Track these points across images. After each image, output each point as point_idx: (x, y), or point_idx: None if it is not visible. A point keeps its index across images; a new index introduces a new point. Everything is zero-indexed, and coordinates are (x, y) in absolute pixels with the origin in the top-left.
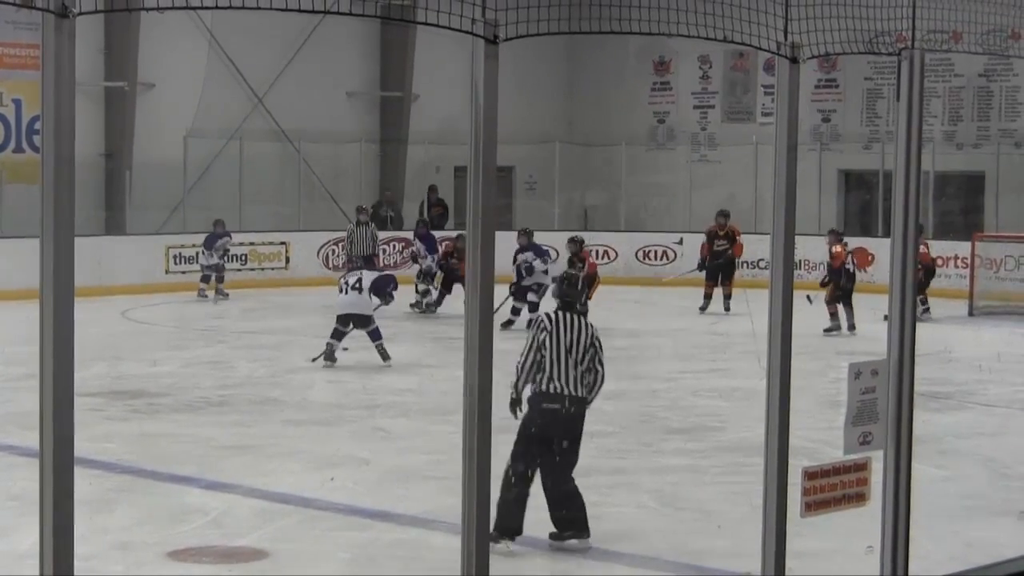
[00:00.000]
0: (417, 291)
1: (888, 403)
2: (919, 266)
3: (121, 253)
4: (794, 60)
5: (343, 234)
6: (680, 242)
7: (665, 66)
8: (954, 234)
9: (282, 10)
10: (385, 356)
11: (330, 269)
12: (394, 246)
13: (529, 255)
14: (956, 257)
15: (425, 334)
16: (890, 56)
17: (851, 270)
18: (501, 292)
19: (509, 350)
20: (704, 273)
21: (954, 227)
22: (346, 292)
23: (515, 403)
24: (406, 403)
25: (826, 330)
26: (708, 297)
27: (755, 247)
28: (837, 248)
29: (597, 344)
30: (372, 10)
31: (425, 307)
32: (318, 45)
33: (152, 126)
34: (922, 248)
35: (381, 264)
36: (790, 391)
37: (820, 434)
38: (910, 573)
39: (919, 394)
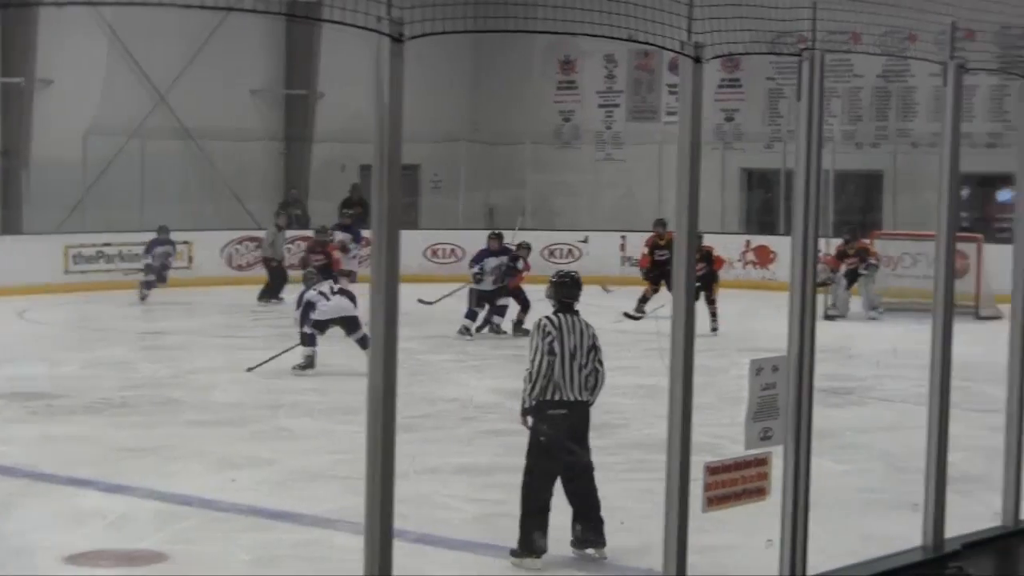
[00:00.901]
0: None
1: (788, 399)
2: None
3: (19, 253)
4: (697, 60)
5: (246, 234)
6: (585, 240)
7: (570, 65)
8: (852, 232)
9: (185, 6)
10: None
11: (234, 269)
12: (300, 245)
13: (504, 259)
14: None
15: (329, 333)
16: (791, 56)
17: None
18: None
19: (413, 349)
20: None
21: (853, 225)
22: (329, 298)
23: (527, 412)
24: (310, 403)
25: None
26: (644, 301)
27: None
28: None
29: (597, 344)
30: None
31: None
32: (222, 42)
33: (50, 123)
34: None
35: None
36: (692, 387)
37: (722, 430)
38: (808, 566)
39: (818, 390)
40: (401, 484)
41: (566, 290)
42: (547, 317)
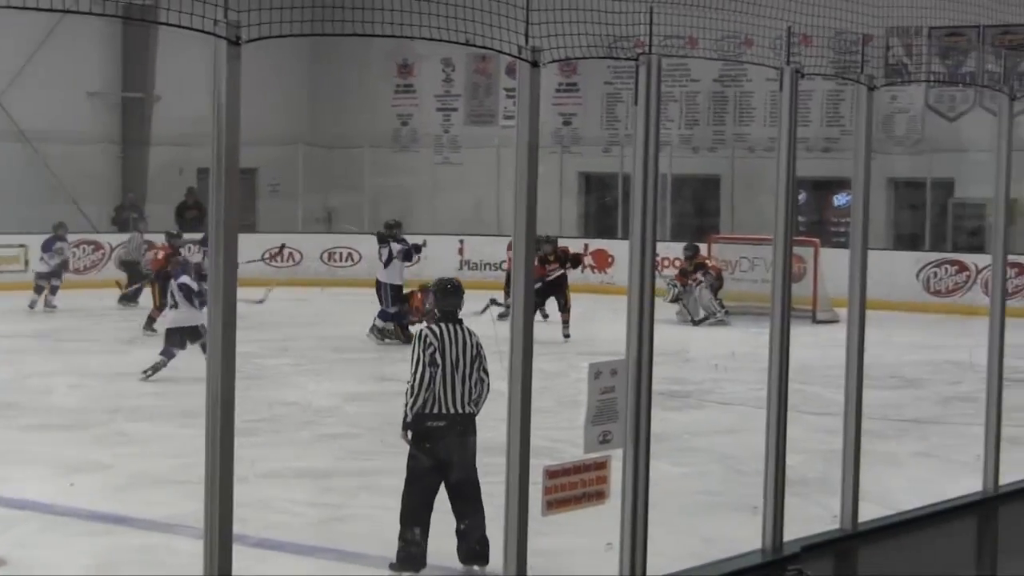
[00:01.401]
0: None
1: (627, 402)
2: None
3: None
4: (535, 64)
5: (84, 237)
6: (424, 244)
7: (408, 69)
8: (691, 236)
9: (20, 8)
10: None
11: (71, 272)
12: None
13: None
14: None
15: None
16: (628, 61)
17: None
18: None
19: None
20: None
21: (691, 229)
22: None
23: (408, 425)
24: (150, 407)
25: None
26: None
27: (498, 248)
28: None
29: (482, 353)
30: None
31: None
32: (58, 44)
33: None
34: (711, 262)
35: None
36: (531, 391)
37: (562, 433)
38: (648, 569)
39: (657, 393)
40: (241, 488)
41: (448, 299)
42: (429, 327)
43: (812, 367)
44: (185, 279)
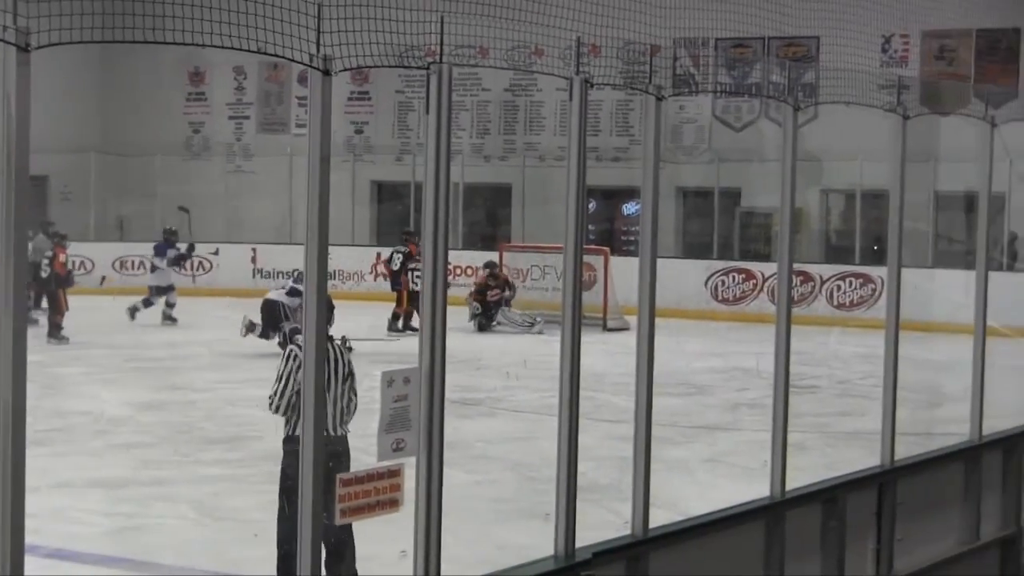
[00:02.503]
0: None
1: (420, 410)
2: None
3: None
4: (326, 72)
5: None
6: (216, 252)
7: (200, 76)
8: (482, 244)
9: None
10: None
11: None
12: None
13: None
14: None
15: None
16: (420, 70)
17: None
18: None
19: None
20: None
21: (482, 237)
22: None
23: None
24: None
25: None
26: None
27: (291, 257)
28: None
29: (353, 372)
30: None
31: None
32: None
33: None
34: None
35: None
36: (325, 399)
37: (356, 441)
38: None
39: (450, 401)
40: (33, 498)
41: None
42: (297, 344)
43: (603, 374)
44: None
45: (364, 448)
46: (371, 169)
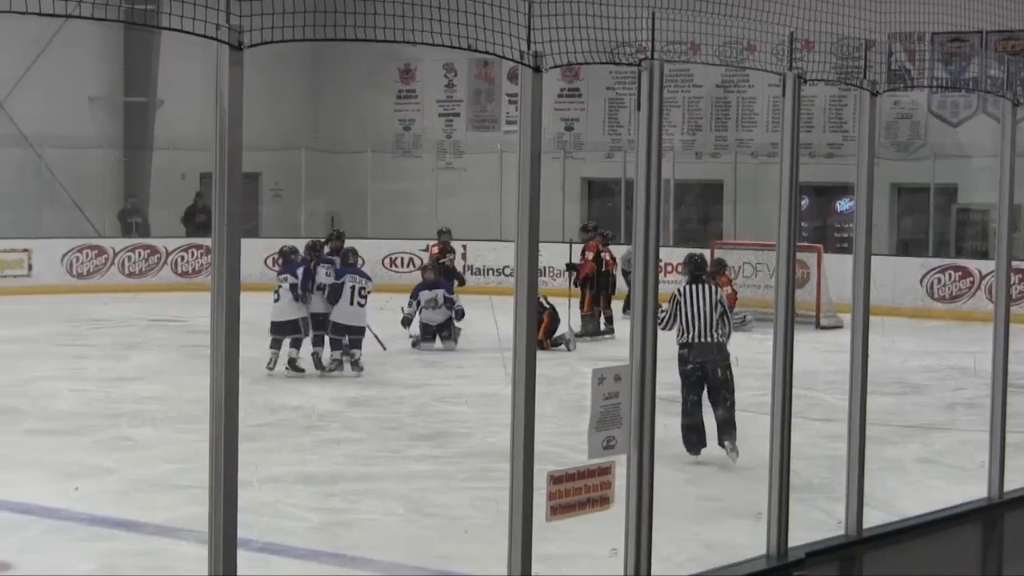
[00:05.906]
0: None
1: (631, 408)
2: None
3: None
4: (537, 69)
5: (87, 242)
6: (426, 249)
7: (410, 74)
8: (693, 241)
9: (22, 13)
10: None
11: (74, 277)
12: (140, 253)
13: (440, 292)
14: None
15: (170, 342)
16: (631, 66)
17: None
18: None
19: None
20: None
21: (694, 234)
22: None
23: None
24: (151, 411)
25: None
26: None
27: (501, 254)
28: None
29: (723, 302)
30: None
31: None
32: (60, 49)
33: None
34: (728, 289)
35: None
36: (535, 396)
37: (565, 439)
38: (652, 575)
39: (661, 399)
40: (244, 493)
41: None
42: (678, 289)
43: (816, 373)
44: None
45: (574, 446)
46: (581, 166)
